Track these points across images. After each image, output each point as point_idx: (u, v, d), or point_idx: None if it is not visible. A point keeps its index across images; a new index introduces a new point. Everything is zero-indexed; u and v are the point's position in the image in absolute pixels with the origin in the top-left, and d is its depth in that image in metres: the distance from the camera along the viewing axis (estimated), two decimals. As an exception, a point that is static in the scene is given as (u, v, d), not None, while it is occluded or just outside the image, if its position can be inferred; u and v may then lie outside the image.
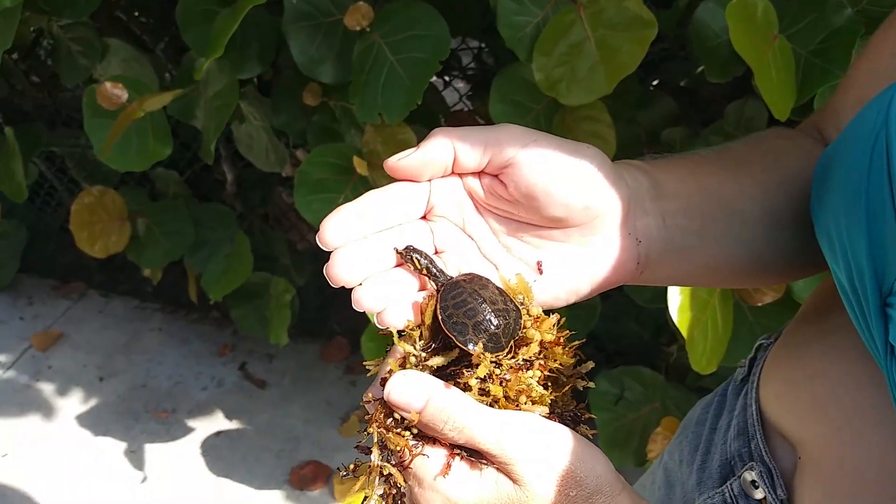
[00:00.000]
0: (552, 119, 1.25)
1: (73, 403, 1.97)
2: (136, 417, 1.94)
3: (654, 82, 1.56)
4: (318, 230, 0.41)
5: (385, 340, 0.40)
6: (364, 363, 0.43)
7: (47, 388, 2.02)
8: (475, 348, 0.36)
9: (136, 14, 1.81)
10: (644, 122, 1.39)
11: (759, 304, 1.20)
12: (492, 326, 0.36)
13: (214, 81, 1.39)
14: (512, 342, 0.37)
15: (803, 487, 0.46)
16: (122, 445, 1.87)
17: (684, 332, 1.16)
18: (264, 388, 2.04)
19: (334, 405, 1.99)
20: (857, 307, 0.39)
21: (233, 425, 1.93)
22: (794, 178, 0.47)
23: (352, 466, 0.39)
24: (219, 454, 1.85)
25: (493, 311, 0.36)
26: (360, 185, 1.35)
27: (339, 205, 1.36)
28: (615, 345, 1.83)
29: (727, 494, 0.51)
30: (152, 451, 1.86)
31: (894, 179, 0.36)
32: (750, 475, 0.49)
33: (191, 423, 1.93)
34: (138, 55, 1.58)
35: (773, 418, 0.50)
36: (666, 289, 1.17)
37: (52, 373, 2.06)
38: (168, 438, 1.89)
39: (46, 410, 1.96)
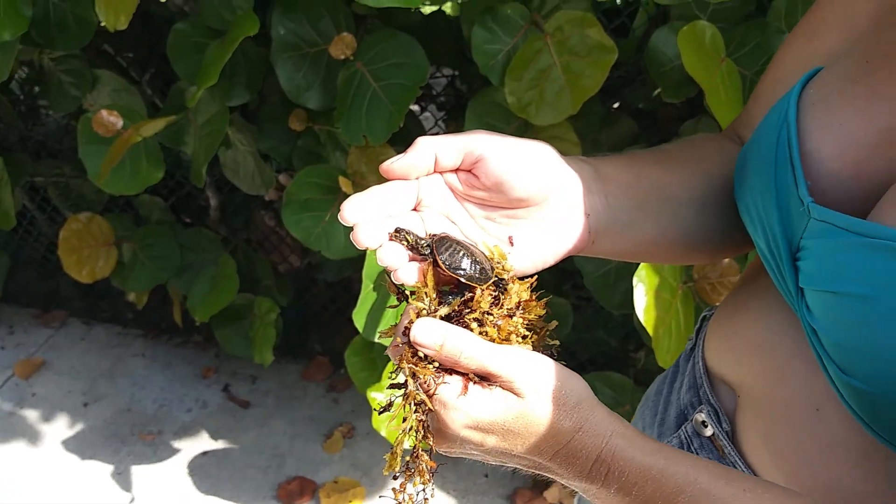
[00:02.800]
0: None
1: (59, 429, 2.00)
2: (123, 440, 1.97)
3: (616, 105, 1.68)
4: (341, 211, 0.49)
5: (367, 354, 0.49)
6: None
7: (32, 414, 2.04)
8: (483, 276, 0.45)
9: (122, 48, 1.88)
10: (607, 141, 1.50)
11: (717, 304, 1.30)
12: (478, 263, 0.46)
13: (205, 109, 1.47)
14: (500, 295, 0.46)
15: (743, 420, 0.56)
16: (109, 468, 1.90)
17: (650, 331, 1.25)
18: (248, 408, 2.09)
19: (318, 422, 2.05)
20: (774, 266, 0.49)
21: (218, 445, 1.97)
22: (717, 171, 0.58)
23: (387, 402, 0.46)
24: (206, 473, 1.89)
25: (475, 254, 0.46)
26: (346, 204, 1.43)
27: (324, 223, 1.45)
28: (587, 353, 1.92)
29: (682, 436, 0.60)
30: (139, 472, 1.89)
31: (795, 164, 0.47)
32: (700, 416, 0.58)
33: (177, 444, 1.97)
34: (127, 85, 1.65)
35: (716, 368, 0.60)
36: (632, 294, 1.27)
37: (35, 400, 2.08)
38: (155, 460, 1.92)
39: (31, 437, 1.98)
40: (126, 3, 1.21)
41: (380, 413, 0.46)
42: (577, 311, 1.84)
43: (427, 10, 1.23)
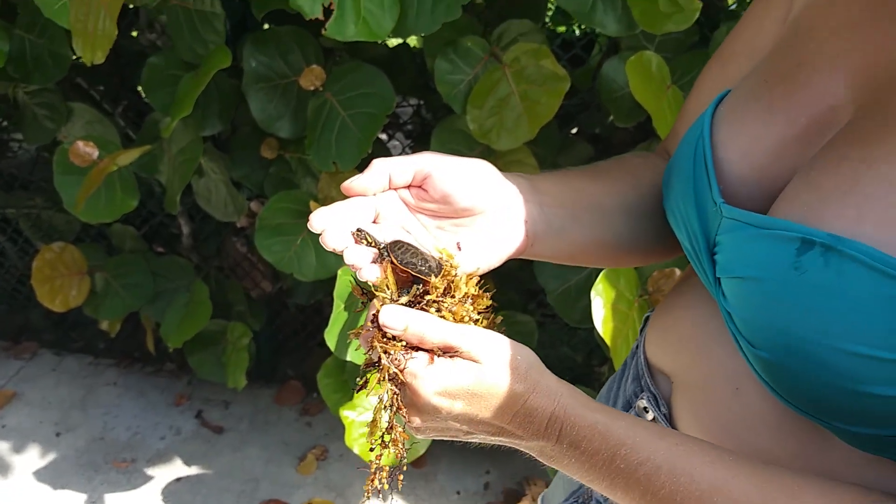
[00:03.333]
0: (486, 162, 1.43)
1: (31, 459, 2.00)
2: (96, 469, 1.97)
3: (574, 130, 1.77)
4: (310, 220, 0.55)
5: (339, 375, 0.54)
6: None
7: (3, 446, 2.03)
8: (432, 271, 0.51)
9: (94, 81, 1.92)
10: (565, 164, 1.58)
11: (672, 316, 1.38)
12: (427, 260, 0.52)
13: (179, 139, 1.52)
14: (452, 288, 0.52)
15: (677, 402, 0.62)
16: (83, 497, 1.90)
17: (608, 341, 1.32)
18: (222, 434, 2.11)
19: (291, 445, 2.07)
20: (696, 261, 0.57)
21: (193, 471, 1.99)
22: (645, 182, 0.65)
23: (362, 380, 0.52)
24: (181, 499, 1.90)
25: (424, 254, 0.52)
26: (317, 228, 1.49)
27: (296, 246, 1.51)
28: (553, 369, 1.97)
29: (628, 421, 0.67)
30: (114, 500, 1.89)
31: (709, 171, 0.54)
32: (642, 402, 0.65)
33: (151, 471, 1.98)
34: (101, 117, 1.70)
35: (654, 360, 0.67)
36: (591, 308, 1.34)
37: (6, 431, 2.08)
38: (129, 487, 1.93)
39: (3, 468, 1.97)
40: (103, 39, 1.26)
41: (357, 391, 0.52)
42: (543, 329, 1.90)
43: (392, 42, 1.30)
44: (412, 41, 1.61)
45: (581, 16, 1.25)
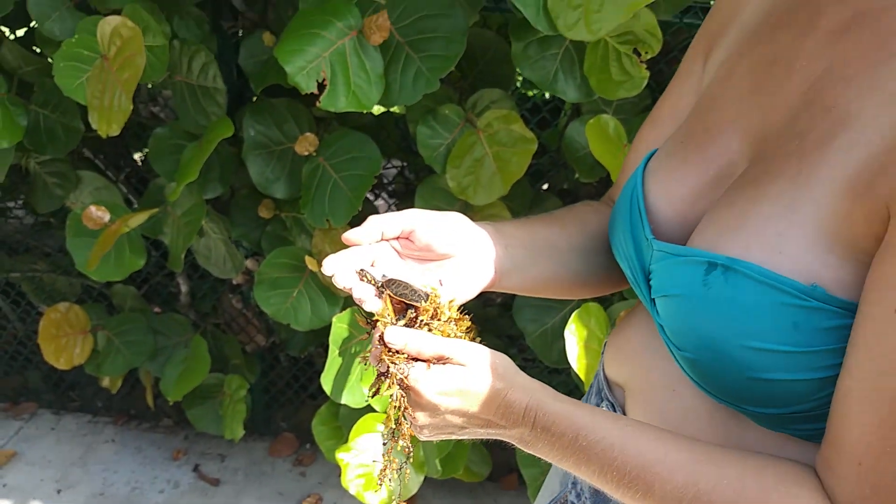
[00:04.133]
0: (465, 216, 1.57)
1: (31, 516, 2.05)
2: (95, 523, 2.03)
3: (545, 186, 1.93)
4: (322, 267, 0.67)
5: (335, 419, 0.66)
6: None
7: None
8: (422, 301, 0.63)
9: (99, 150, 2.06)
10: (538, 216, 1.73)
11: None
12: (417, 293, 0.64)
13: (183, 202, 1.65)
14: (435, 312, 0.65)
15: (630, 407, 0.74)
16: (83, 550, 1.95)
17: (583, 377, 1.44)
18: (219, 486, 2.17)
19: (286, 495, 2.14)
20: (637, 287, 0.70)
21: (190, 522, 2.05)
22: (593, 225, 0.79)
23: (374, 389, 0.63)
24: (178, 549, 1.96)
25: (413, 287, 0.65)
26: (311, 280, 1.62)
27: (292, 298, 1.65)
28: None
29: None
30: (113, 553, 1.95)
31: (641, 214, 0.68)
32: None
33: (149, 523, 2.04)
34: (107, 184, 1.83)
35: (610, 374, 0.79)
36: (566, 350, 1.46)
37: (7, 490, 2.13)
38: (128, 539, 1.98)
39: (3, 525, 2.02)
40: (118, 114, 1.41)
41: (371, 396, 0.63)
42: (525, 371, 2.01)
43: (377, 110, 1.46)
44: (396, 108, 1.77)
45: (544, 85, 1.42)
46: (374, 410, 1.62)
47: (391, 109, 1.87)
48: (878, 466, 0.50)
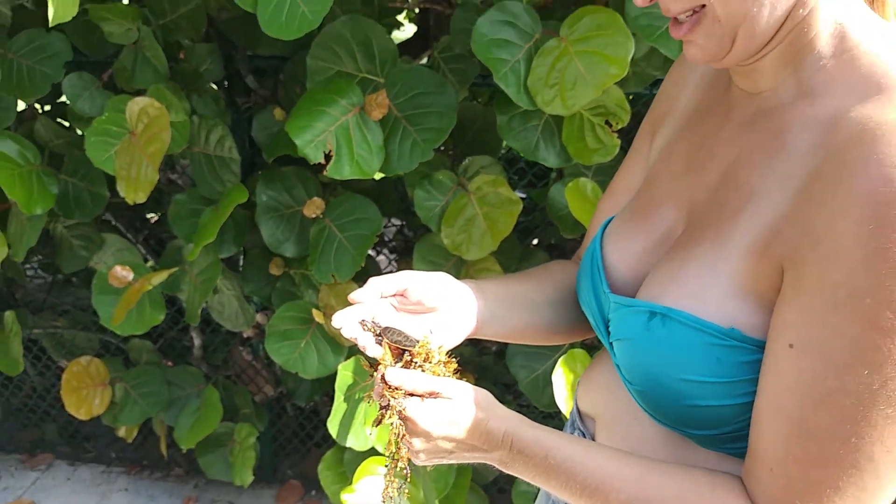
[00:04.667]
0: (459, 271, 1.71)
1: (48, 563, 2.13)
2: (110, 569, 2.11)
3: (535, 241, 2.07)
4: (332, 320, 0.81)
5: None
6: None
7: (21, 552, 2.17)
8: (415, 347, 0.77)
9: (119, 215, 2.22)
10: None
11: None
12: (411, 340, 0.77)
13: (200, 261, 1.79)
14: (426, 356, 0.78)
15: (599, 435, 0.86)
16: None
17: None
18: (227, 532, 2.26)
19: (293, 540, 2.23)
20: (599, 333, 0.83)
21: (200, 567, 2.13)
22: (563, 280, 0.92)
23: (378, 418, 0.76)
24: None
25: (408, 335, 0.78)
26: (318, 332, 1.75)
27: (300, 349, 1.79)
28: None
29: (565, 454, 0.90)
30: None
31: (600, 272, 0.82)
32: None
33: (161, 569, 2.12)
34: (128, 245, 1.98)
35: (583, 407, 0.91)
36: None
37: (24, 538, 2.22)
38: (141, 585, 2.06)
39: (21, 573, 2.10)
40: (145, 183, 1.56)
41: (375, 425, 0.76)
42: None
43: (378, 176, 1.61)
44: (395, 175, 1.92)
45: (528, 153, 1.57)
46: (377, 454, 1.73)
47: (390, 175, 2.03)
48: (785, 471, 0.62)
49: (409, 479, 0.78)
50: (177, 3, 1.64)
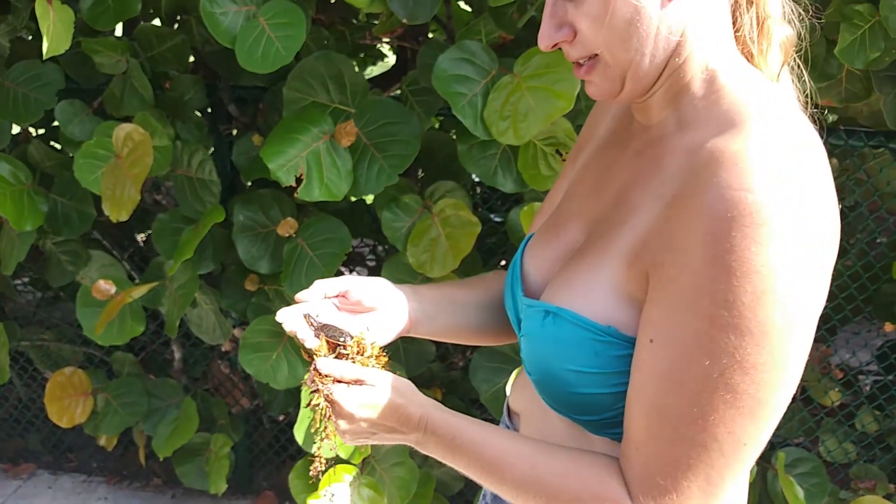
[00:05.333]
0: (423, 289, 1.82)
1: (27, 568, 2.20)
2: (87, 574, 2.18)
3: (502, 262, 2.19)
4: (277, 316, 0.91)
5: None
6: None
7: (1, 557, 2.24)
8: (348, 341, 0.87)
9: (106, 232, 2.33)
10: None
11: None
12: (345, 335, 0.88)
13: (179, 276, 1.90)
14: (359, 349, 0.88)
15: (521, 428, 0.97)
16: None
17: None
18: (202, 540, 2.34)
19: (265, 549, 2.31)
20: (517, 333, 0.94)
21: (175, 574, 2.20)
22: (494, 289, 1.03)
23: (308, 402, 0.86)
24: None
25: (344, 331, 0.88)
26: (289, 345, 1.85)
27: (271, 361, 1.90)
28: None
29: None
30: None
31: (517, 279, 0.93)
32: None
33: (137, 575, 2.19)
34: (113, 261, 2.08)
35: (511, 404, 1.02)
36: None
37: (5, 544, 2.29)
38: (117, 589, 2.14)
39: (1, 577, 2.17)
40: (128, 202, 1.67)
41: (307, 407, 0.86)
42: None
43: (353, 198, 1.73)
44: (367, 199, 2.04)
45: (487, 179, 1.70)
46: (343, 462, 1.82)
47: (364, 197, 2.15)
48: (647, 450, 0.73)
49: (334, 455, 0.88)
50: (163, 37, 1.77)
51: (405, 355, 2.02)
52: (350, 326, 0.92)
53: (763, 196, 0.63)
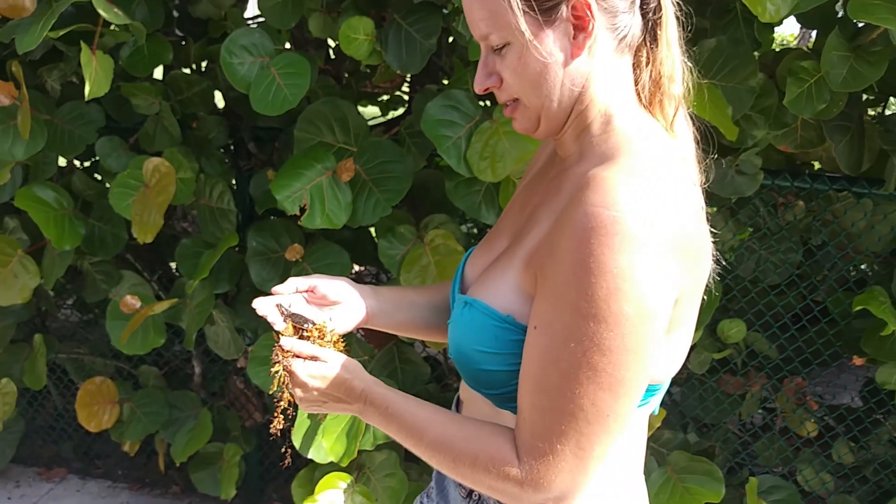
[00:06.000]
0: (414, 311, 1.99)
1: (53, 562, 2.39)
2: (106, 570, 2.36)
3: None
4: (253, 304, 1.10)
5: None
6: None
7: (30, 552, 2.44)
8: (310, 326, 1.05)
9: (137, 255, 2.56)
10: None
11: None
12: (308, 321, 1.05)
13: (197, 295, 2.11)
14: (320, 334, 1.05)
15: (462, 412, 1.12)
16: (93, 592, 2.28)
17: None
18: (213, 545, 2.50)
19: (271, 555, 2.46)
20: (451, 324, 1.11)
21: (186, 574, 2.37)
22: (446, 293, 1.20)
23: (270, 371, 1.03)
24: None
25: (309, 318, 1.05)
26: (293, 359, 2.03)
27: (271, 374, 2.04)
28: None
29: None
30: None
31: (458, 281, 1.09)
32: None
33: (151, 573, 2.37)
34: (142, 281, 2.31)
35: (460, 394, 1.17)
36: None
37: (34, 540, 2.49)
38: (132, 585, 2.31)
39: (29, 569, 2.37)
40: (153, 226, 1.90)
41: (271, 375, 1.03)
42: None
43: (354, 226, 1.92)
44: (371, 229, 2.24)
45: (472, 213, 1.88)
46: (339, 469, 1.99)
47: (368, 227, 2.35)
48: (530, 417, 0.87)
49: (290, 412, 1.04)
50: (192, 83, 2.01)
51: (402, 375, 2.18)
52: (315, 316, 1.09)
53: (619, 213, 0.80)
